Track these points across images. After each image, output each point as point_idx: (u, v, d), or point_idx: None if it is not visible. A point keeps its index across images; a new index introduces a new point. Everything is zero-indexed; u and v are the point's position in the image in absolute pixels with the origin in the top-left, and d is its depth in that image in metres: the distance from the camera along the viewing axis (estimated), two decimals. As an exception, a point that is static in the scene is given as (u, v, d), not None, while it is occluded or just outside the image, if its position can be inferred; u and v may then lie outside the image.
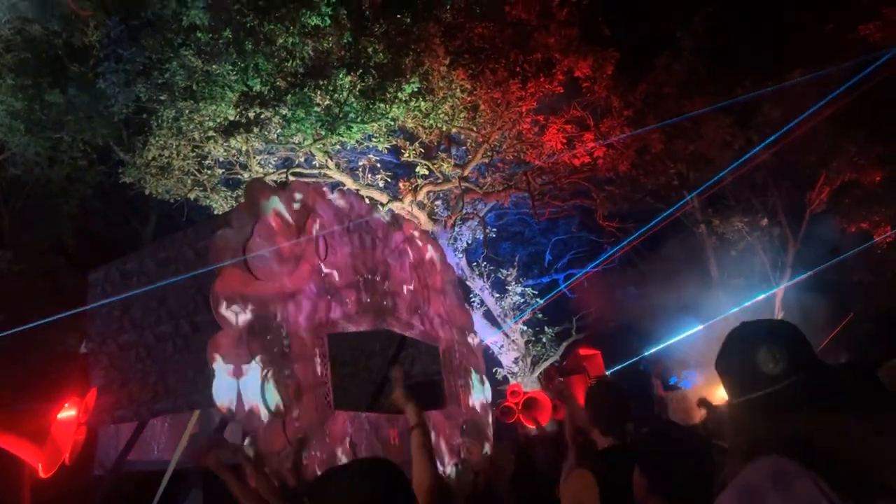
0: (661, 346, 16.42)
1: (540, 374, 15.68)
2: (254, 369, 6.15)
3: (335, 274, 7.56)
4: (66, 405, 5.28)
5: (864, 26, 13.09)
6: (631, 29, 14.73)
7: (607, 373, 12.29)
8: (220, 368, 5.94)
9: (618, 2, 15.11)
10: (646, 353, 16.52)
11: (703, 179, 15.56)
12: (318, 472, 6.22)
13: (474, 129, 12.91)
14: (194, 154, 12.87)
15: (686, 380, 17.69)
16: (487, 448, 8.44)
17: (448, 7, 13.20)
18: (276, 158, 13.85)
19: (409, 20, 12.33)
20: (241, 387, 6.02)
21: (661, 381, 6.99)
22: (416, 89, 11.65)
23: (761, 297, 15.79)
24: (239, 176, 13.57)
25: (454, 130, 13.12)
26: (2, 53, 12.45)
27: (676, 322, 16.14)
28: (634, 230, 14.91)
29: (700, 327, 15.40)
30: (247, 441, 5.94)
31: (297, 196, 7.38)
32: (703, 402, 6.28)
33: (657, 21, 16.94)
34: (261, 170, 13.41)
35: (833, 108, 12.99)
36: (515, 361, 16.35)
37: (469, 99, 12.63)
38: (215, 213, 13.58)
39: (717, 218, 16.36)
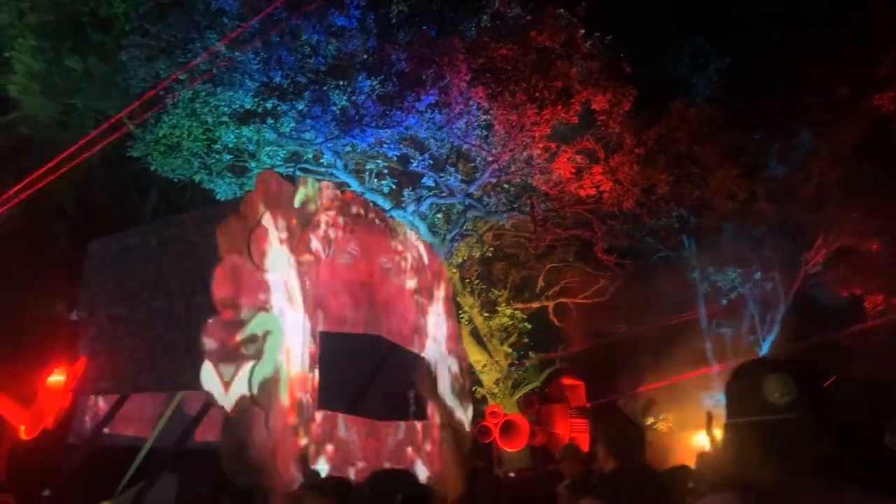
0: (642, 387, 16.49)
1: (520, 398, 15.67)
2: (244, 358, 6.14)
3: (335, 273, 7.57)
4: (56, 371, 5.25)
5: (878, 96, 13.29)
6: (649, 69, 14.91)
7: (588, 405, 12.32)
8: (211, 353, 5.93)
9: (639, 42, 15.31)
10: (627, 391, 16.58)
11: (703, 225, 15.71)
12: (293, 470, 6.19)
13: (485, 147, 12.99)
14: (205, 137, 12.88)
15: (662, 422, 17.71)
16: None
17: (474, 25, 13.34)
18: (284, 152, 13.86)
19: (434, 32, 12.46)
20: (229, 374, 6.01)
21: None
22: (433, 101, 11.75)
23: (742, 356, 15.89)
24: (246, 164, 13.57)
25: (465, 146, 13.20)
26: (25, 13, 12.48)
27: (660, 364, 16.20)
28: (631, 267, 15.00)
29: (681, 375, 15.47)
30: (227, 428, 5.93)
31: (306, 191, 7.39)
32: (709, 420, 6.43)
33: (674, 65, 17.19)
34: (269, 161, 13.41)
35: (840, 171, 13.18)
36: (496, 382, 16.34)
37: (484, 117, 12.73)
38: (218, 197, 13.57)
39: (711, 266, 16.48)
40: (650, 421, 16.97)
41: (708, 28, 16.95)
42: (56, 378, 5.26)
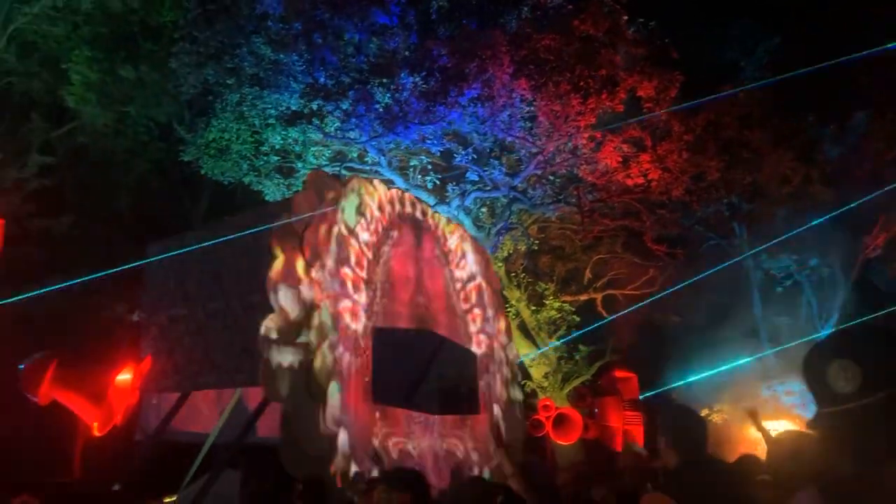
0: (696, 377, 16.16)
1: (570, 391, 15.56)
2: (300, 353, 6.25)
3: (385, 270, 7.64)
4: (123, 370, 5.44)
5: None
6: (696, 54, 14.57)
7: (640, 397, 12.17)
8: (268, 349, 6.05)
9: (684, 26, 14.98)
10: (679, 383, 16.26)
11: (756, 212, 15.31)
12: (355, 463, 6.29)
13: (530, 139, 12.91)
14: (253, 140, 13.15)
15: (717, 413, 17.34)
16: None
17: (515, 16, 13.25)
18: (330, 151, 14.03)
19: (475, 26, 12.41)
20: (286, 370, 6.12)
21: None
22: (476, 95, 11.72)
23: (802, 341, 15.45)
24: (293, 165, 13.79)
25: (509, 139, 13.14)
26: (80, 26, 12.92)
27: (714, 354, 15.86)
28: (681, 256, 14.71)
29: (736, 363, 15.10)
30: (286, 424, 6.05)
31: (354, 190, 7.48)
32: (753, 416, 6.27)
33: (722, 49, 16.75)
34: (315, 161, 13.60)
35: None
36: (546, 376, 16.25)
37: (528, 109, 12.63)
38: (267, 198, 13.84)
39: (765, 253, 16.05)
40: (704, 412, 16.63)
41: (755, 9, 16.49)
42: (124, 377, 5.46)
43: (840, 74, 14.16)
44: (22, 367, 5.49)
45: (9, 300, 5.27)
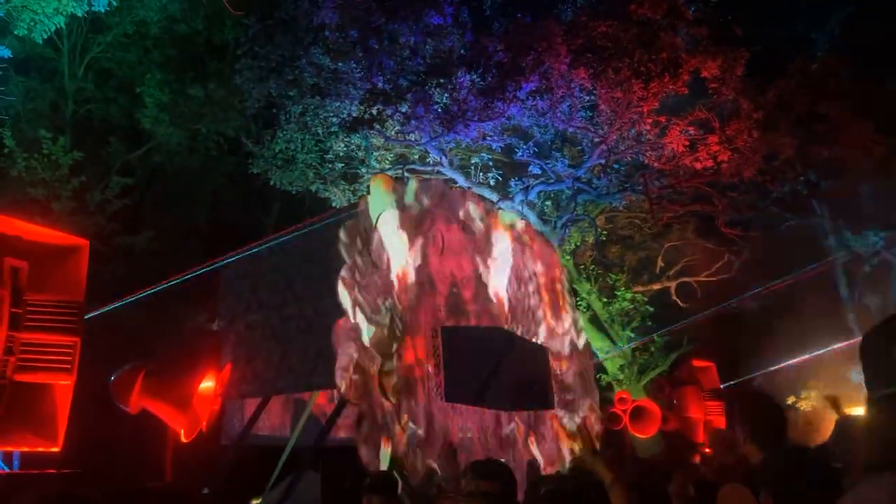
0: (779, 365, 15.51)
1: (647, 383, 15.23)
2: (372, 356, 6.36)
3: (449, 269, 7.67)
4: (206, 377, 5.67)
5: None
6: (763, 29, 13.99)
7: (721, 387, 11.76)
8: (341, 352, 6.18)
9: (749, 2, 14.40)
10: (762, 371, 15.65)
11: (835, 188, 14.56)
12: (427, 460, 6.35)
13: (591, 128, 12.70)
14: (317, 148, 13.48)
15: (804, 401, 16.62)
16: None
17: (569, 6, 13.07)
18: (392, 155, 14.22)
19: (529, 19, 12.31)
20: (359, 372, 6.24)
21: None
22: (534, 88, 11.63)
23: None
24: (357, 170, 14.03)
25: (570, 130, 12.97)
26: (150, 50, 13.53)
27: (797, 340, 15.18)
28: (757, 238, 14.14)
29: (824, 350, 14.41)
30: (362, 425, 6.16)
31: (416, 192, 7.55)
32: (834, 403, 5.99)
33: (791, 22, 16.01)
34: (378, 165, 13.81)
35: None
36: (621, 369, 15.98)
37: (588, 98, 12.43)
38: (334, 205, 14.15)
39: (848, 230, 15.25)
40: (791, 400, 15.96)
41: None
42: (207, 384, 5.69)
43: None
44: (112, 378, 5.80)
45: (95, 313, 5.58)
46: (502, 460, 6.05)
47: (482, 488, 2.62)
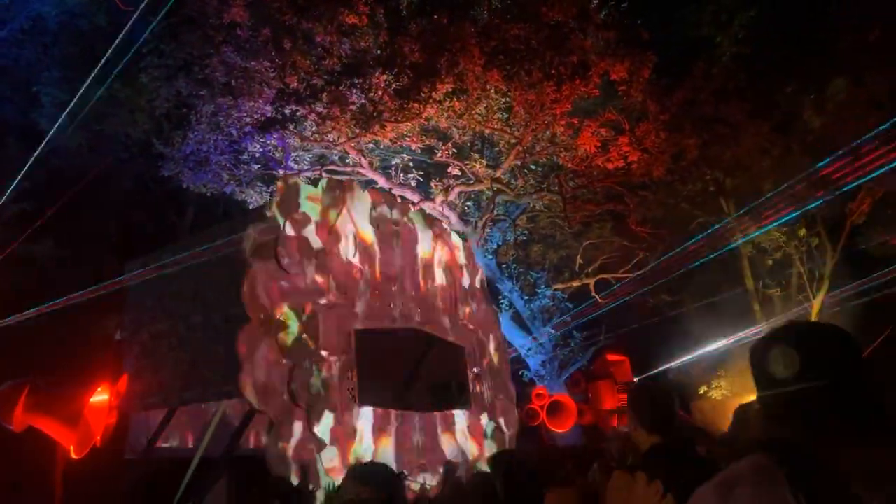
0: (691, 356, 16.17)
1: (567, 378, 15.58)
2: (281, 363, 6.24)
3: (364, 272, 7.62)
4: (99, 389, 5.42)
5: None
6: (669, 33, 14.52)
7: (635, 379, 12.17)
8: (248, 360, 6.04)
9: (656, 6, 14.92)
10: (675, 363, 16.27)
11: (740, 186, 15.27)
12: (340, 464, 6.28)
13: (508, 130, 12.89)
14: (231, 149, 13.11)
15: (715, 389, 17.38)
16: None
17: (484, 8, 13.19)
18: (310, 155, 14.00)
19: (445, 20, 12.36)
20: (268, 380, 6.11)
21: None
22: (450, 89, 11.68)
23: (795, 310, 15.49)
24: (274, 172, 13.75)
25: (487, 131, 13.11)
26: (49, 47, 12.85)
27: (708, 331, 15.87)
28: (668, 236, 14.69)
29: (729, 339, 15.12)
30: (272, 433, 6.04)
31: (330, 193, 7.46)
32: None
33: (695, 26, 16.68)
34: (296, 166, 13.57)
35: (876, 119, 12.61)
36: (543, 364, 16.27)
37: (503, 100, 12.60)
38: (250, 207, 13.82)
39: (753, 226, 16.03)
40: (703, 389, 16.67)
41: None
42: (100, 397, 5.43)
43: (818, 42, 14.13)
44: (-6, 396, 5.45)
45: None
46: (387, 464, 6.05)
47: (363, 496, 2.53)
